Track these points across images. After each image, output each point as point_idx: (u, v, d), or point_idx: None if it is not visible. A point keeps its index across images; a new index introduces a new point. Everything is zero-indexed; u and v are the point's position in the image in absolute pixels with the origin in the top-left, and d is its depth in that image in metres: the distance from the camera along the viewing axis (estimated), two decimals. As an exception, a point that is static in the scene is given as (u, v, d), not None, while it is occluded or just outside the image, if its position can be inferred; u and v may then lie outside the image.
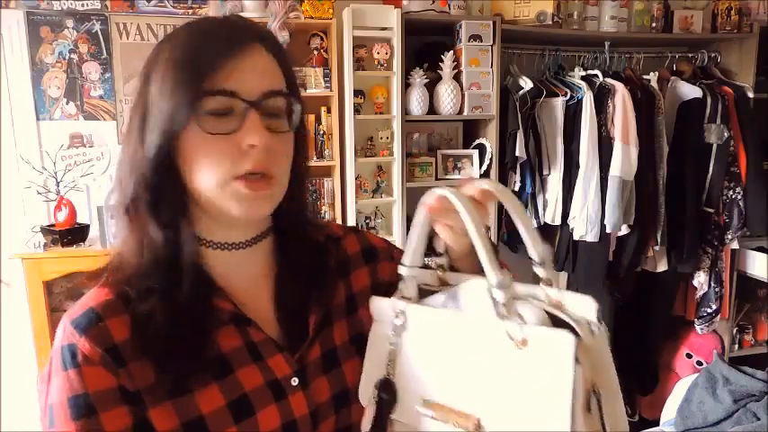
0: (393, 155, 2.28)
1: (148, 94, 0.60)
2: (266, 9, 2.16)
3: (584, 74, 2.42)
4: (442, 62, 2.26)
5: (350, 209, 2.28)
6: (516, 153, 2.26)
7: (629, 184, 2.29)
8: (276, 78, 0.62)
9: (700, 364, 2.56)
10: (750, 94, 2.51)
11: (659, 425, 2.18)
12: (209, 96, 0.57)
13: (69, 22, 2.23)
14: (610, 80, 2.35)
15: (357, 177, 2.29)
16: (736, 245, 2.57)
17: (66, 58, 2.24)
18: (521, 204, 0.61)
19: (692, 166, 2.44)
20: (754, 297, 2.85)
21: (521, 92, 2.32)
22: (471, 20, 2.28)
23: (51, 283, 2.09)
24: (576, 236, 2.35)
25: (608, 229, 2.31)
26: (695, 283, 2.58)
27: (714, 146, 2.44)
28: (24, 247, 2.09)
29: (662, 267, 2.50)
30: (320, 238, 0.75)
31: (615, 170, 2.27)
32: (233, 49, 0.58)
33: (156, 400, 0.58)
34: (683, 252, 2.46)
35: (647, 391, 2.72)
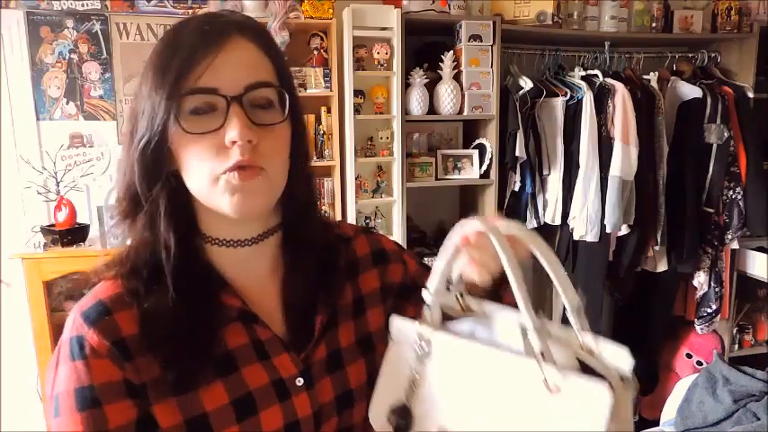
0: (393, 155, 2.28)
1: (139, 95, 0.60)
2: (266, 9, 2.16)
3: (584, 74, 2.42)
4: (442, 62, 2.26)
5: (350, 209, 2.28)
6: (516, 153, 2.26)
7: (629, 184, 2.29)
8: (261, 69, 0.60)
9: (700, 364, 2.56)
10: (750, 94, 2.51)
11: (659, 425, 2.18)
12: (188, 96, 0.57)
13: (69, 22, 2.23)
14: (610, 80, 2.35)
15: (357, 177, 2.29)
16: (736, 245, 2.57)
17: (66, 58, 2.24)
18: (551, 250, 0.58)
19: (692, 166, 2.44)
20: (754, 297, 2.84)
21: (521, 92, 2.31)
22: (471, 20, 2.28)
23: (51, 283, 2.09)
24: (576, 236, 2.35)
25: (608, 229, 2.31)
26: (695, 283, 2.58)
27: (714, 146, 2.44)
28: (24, 247, 2.09)
29: (662, 267, 2.50)
30: (330, 238, 0.74)
31: (615, 170, 2.27)
32: (210, 46, 0.57)
33: (161, 396, 0.58)
34: (683, 252, 2.46)
35: (647, 391, 2.72)
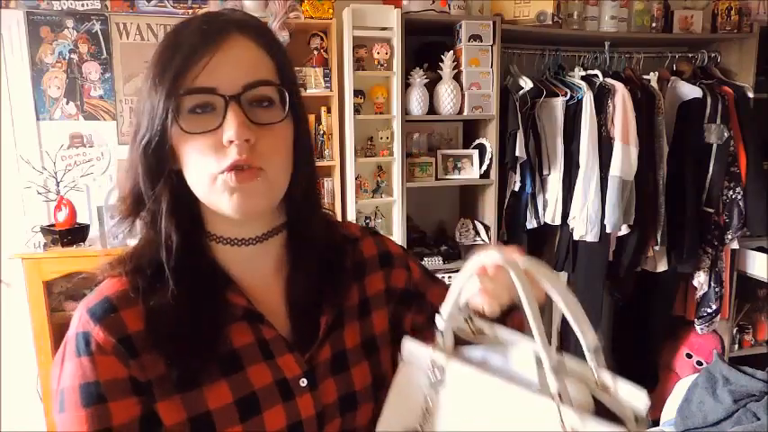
0: (393, 155, 2.28)
1: (142, 95, 0.61)
2: (266, 9, 2.16)
3: (584, 74, 2.42)
4: (442, 62, 2.26)
5: (350, 209, 2.28)
6: (516, 153, 2.26)
7: (629, 184, 2.30)
8: (262, 68, 0.60)
9: (700, 364, 2.56)
10: (750, 94, 2.51)
11: (659, 425, 2.18)
12: (186, 95, 0.57)
13: (69, 22, 2.23)
14: (610, 80, 2.35)
15: (357, 177, 2.29)
16: (736, 245, 2.57)
17: (66, 58, 2.24)
18: (569, 289, 0.57)
19: (691, 166, 2.44)
20: (754, 297, 2.84)
21: (521, 92, 2.31)
22: (471, 20, 2.28)
23: (51, 283, 2.09)
24: (576, 236, 2.35)
25: (608, 229, 2.31)
26: (695, 283, 2.58)
27: (714, 146, 2.44)
28: (24, 247, 2.09)
29: (662, 267, 2.50)
30: (335, 237, 0.74)
31: (615, 170, 2.27)
32: (208, 45, 0.57)
33: (165, 393, 0.58)
34: (683, 252, 2.46)
35: (647, 392, 2.72)
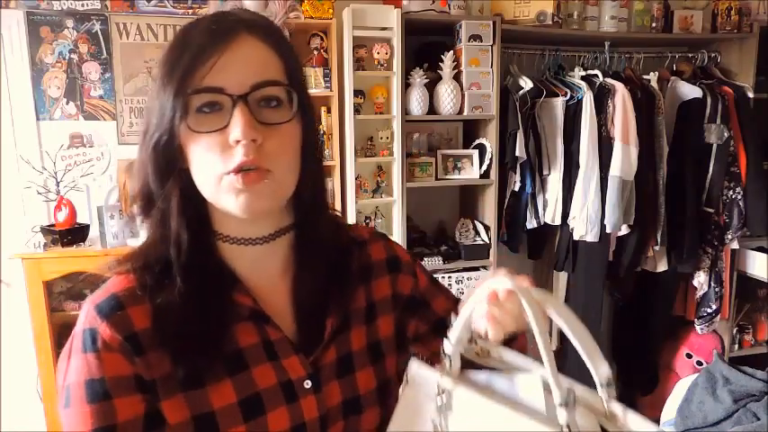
0: (393, 155, 2.28)
1: (152, 94, 0.61)
2: (266, 9, 2.16)
3: (584, 74, 2.42)
4: (442, 62, 2.26)
5: (350, 209, 2.28)
6: (516, 153, 2.26)
7: (629, 184, 2.29)
8: (270, 68, 0.60)
9: (700, 364, 2.56)
10: (750, 94, 2.51)
11: (659, 425, 2.18)
12: (194, 95, 0.57)
13: (69, 22, 2.23)
14: (610, 80, 2.35)
15: (357, 177, 2.29)
16: (736, 245, 2.57)
17: (67, 58, 2.24)
18: (579, 321, 0.56)
19: (691, 166, 2.44)
20: (754, 297, 2.84)
21: (521, 92, 2.31)
22: (471, 20, 2.28)
23: (51, 283, 2.09)
24: (576, 236, 2.35)
25: (608, 229, 2.31)
26: (695, 283, 2.58)
27: (714, 146, 2.44)
28: (24, 247, 2.09)
29: (662, 267, 2.50)
30: (343, 239, 0.73)
31: (615, 170, 2.27)
32: (217, 44, 0.57)
33: (170, 391, 0.59)
34: (683, 252, 2.46)
35: (647, 391, 2.72)
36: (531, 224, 2.42)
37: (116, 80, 2.30)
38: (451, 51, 2.28)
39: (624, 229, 2.35)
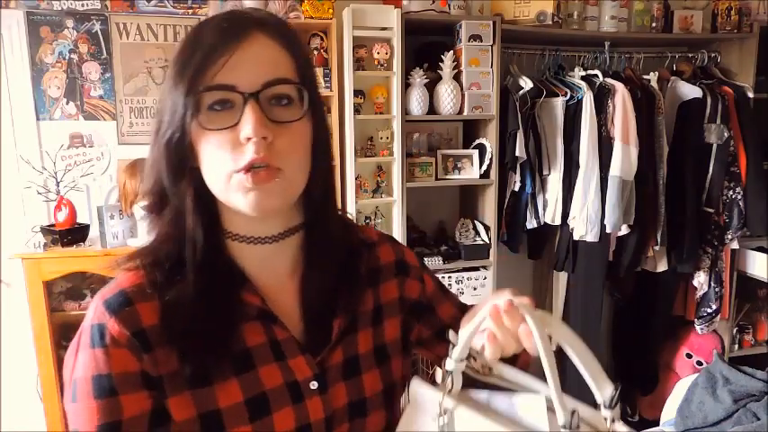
0: (393, 155, 2.28)
1: (164, 92, 0.61)
2: (266, 9, 2.16)
3: (584, 74, 2.42)
4: (442, 62, 2.26)
5: (350, 209, 2.28)
6: (516, 153, 2.26)
7: (629, 184, 2.30)
8: (281, 66, 0.60)
9: (700, 364, 2.56)
10: (750, 94, 2.51)
11: (659, 425, 2.18)
12: (206, 92, 0.57)
13: (69, 22, 2.23)
14: (610, 80, 2.35)
15: (357, 177, 2.29)
16: (736, 245, 2.57)
17: (67, 58, 2.24)
18: (583, 343, 0.56)
19: (691, 166, 2.44)
20: (754, 297, 2.84)
21: (521, 92, 2.31)
22: (471, 20, 2.28)
23: (51, 283, 2.09)
24: (576, 236, 2.35)
25: (608, 229, 2.31)
26: (695, 283, 2.58)
27: (714, 146, 2.44)
28: (24, 247, 2.09)
29: (662, 267, 2.50)
30: (352, 240, 0.73)
31: (615, 170, 2.27)
32: (228, 42, 0.58)
33: (177, 389, 0.59)
34: (683, 252, 2.46)
35: (647, 391, 2.72)
36: (531, 224, 2.42)
37: (116, 80, 2.30)
38: (451, 51, 2.28)
39: (624, 229, 2.35)
